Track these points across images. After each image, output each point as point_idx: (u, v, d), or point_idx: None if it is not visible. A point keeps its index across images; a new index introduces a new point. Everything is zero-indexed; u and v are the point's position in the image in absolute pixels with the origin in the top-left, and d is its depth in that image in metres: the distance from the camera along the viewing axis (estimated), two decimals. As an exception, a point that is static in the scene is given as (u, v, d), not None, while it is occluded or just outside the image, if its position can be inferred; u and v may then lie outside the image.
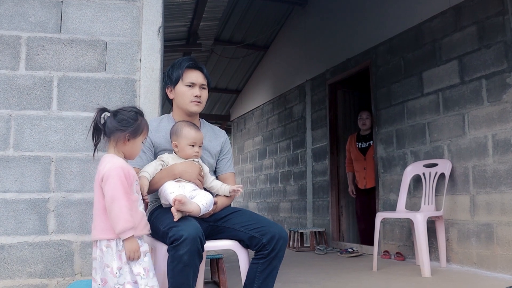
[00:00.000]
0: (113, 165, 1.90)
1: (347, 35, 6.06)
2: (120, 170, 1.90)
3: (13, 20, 2.63)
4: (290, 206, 7.58)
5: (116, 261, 1.85)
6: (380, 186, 5.21)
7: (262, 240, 2.18)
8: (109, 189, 1.86)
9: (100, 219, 1.90)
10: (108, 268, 1.84)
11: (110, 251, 1.86)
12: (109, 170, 1.88)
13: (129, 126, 1.97)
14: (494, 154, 3.82)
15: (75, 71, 2.66)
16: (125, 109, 2.03)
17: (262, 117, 9.13)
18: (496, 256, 3.74)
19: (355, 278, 3.83)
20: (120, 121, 1.97)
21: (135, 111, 2.03)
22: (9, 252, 2.48)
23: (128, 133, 1.97)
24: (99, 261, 1.88)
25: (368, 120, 5.55)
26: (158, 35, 2.77)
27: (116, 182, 1.87)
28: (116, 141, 1.98)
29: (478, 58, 4.00)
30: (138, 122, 2.00)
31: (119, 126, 1.96)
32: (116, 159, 1.95)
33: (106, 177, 1.87)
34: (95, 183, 1.95)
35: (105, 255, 1.86)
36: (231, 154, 2.60)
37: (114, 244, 1.87)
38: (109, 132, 1.98)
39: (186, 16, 5.48)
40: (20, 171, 2.54)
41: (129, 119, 1.98)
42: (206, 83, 2.46)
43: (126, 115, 1.99)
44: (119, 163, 1.93)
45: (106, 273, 1.84)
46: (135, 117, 2.00)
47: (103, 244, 1.87)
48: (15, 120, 2.57)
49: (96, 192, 1.93)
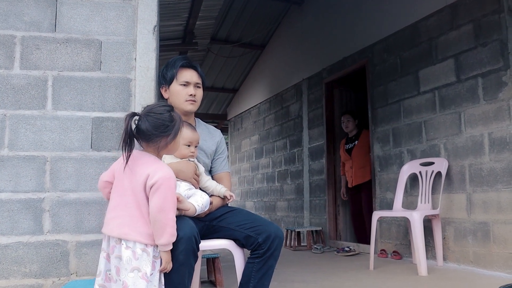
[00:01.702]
0: (166, 174, 1.82)
1: (343, 34, 6.05)
2: (173, 182, 1.85)
3: (8, 19, 2.61)
4: (287, 205, 7.58)
5: (150, 267, 1.81)
6: (377, 184, 5.22)
7: (258, 239, 2.18)
8: (159, 199, 1.79)
9: (140, 223, 1.83)
10: (139, 272, 1.79)
11: (146, 256, 1.81)
12: (162, 179, 1.80)
13: (168, 130, 1.88)
14: (490, 153, 3.82)
15: (70, 70, 2.64)
16: (156, 111, 1.90)
17: (259, 116, 9.13)
18: (492, 254, 3.74)
19: (352, 277, 3.83)
20: (157, 127, 1.87)
21: (167, 110, 1.92)
22: (4, 252, 2.47)
23: (170, 137, 1.90)
24: (127, 263, 1.80)
25: (350, 122, 5.75)
26: (154, 34, 2.76)
27: (168, 194, 1.81)
28: (158, 146, 1.90)
29: (474, 57, 4.01)
30: (175, 122, 1.91)
31: (158, 132, 1.87)
32: (166, 167, 1.88)
33: (158, 186, 1.79)
34: (137, 184, 1.84)
35: (139, 259, 1.80)
36: (226, 153, 2.60)
37: (151, 250, 1.83)
38: (146, 139, 1.89)
39: (182, 15, 5.48)
40: (15, 171, 2.52)
41: (165, 123, 1.88)
42: (201, 81, 2.46)
43: (161, 119, 1.87)
44: (170, 172, 1.86)
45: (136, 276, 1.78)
46: (170, 118, 1.90)
47: (138, 247, 1.81)
48: (10, 120, 2.55)
49: (137, 195, 1.84)
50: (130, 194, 1.86)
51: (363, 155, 5.62)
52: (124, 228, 1.83)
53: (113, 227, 1.85)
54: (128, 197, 1.86)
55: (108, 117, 2.66)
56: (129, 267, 1.79)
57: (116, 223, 1.85)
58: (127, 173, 1.89)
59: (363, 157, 5.61)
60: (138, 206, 1.84)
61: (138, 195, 1.84)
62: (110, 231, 1.86)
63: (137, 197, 1.84)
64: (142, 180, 1.83)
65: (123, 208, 1.86)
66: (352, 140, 5.82)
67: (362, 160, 5.62)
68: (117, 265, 1.83)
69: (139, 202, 1.84)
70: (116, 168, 1.97)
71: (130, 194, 1.86)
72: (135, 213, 1.84)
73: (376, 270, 4.07)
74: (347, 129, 5.81)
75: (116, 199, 1.90)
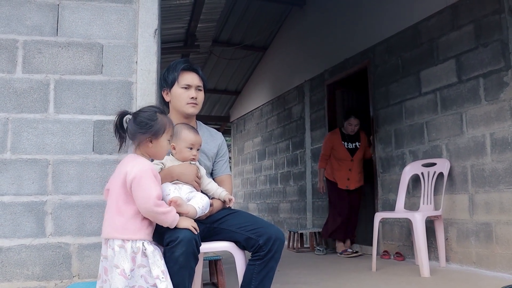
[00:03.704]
0: (143, 167, 1.89)
1: (345, 35, 6.06)
2: (150, 172, 1.90)
3: (10, 24, 2.64)
4: (290, 206, 7.58)
5: (128, 263, 1.82)
6: (379, 186, 5.22)
7: (259, 241, 2.18)
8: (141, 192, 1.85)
9: (116, 219, 1.88)
10: (117, 269, 1.80)
11: (124, 252, 1.83)
12: (140, 172, 1.86)
13: (149, 128, 1.94)
14: (492, 153, 3.82)
15: (71, 74, 2.66)
16: (144, 110, 2.01)
17: (261, 118, 9.14)
18: (495, 255, 3.74)
19: (354, 278, 3.83)
20: (139, 124, 1.95)
21: (154, 111, 2.00)
22: (7, 255, 2.48)
23: (150, 135, 1.95)
24: (110, 261, 1.85)
25: (357, 127, 5.50)
26: (154, 37, 2.77)
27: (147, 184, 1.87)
28: (139, 144, 1.97)
29: (475, 57, 4.01)
30: (158, 121, 1.97)
31: (139, 129, 1.94)
32: (144, 161, 1.94)
33: (138, 180, 1.85)
34: (116, 182, 1.92)
35: (116, 256, 1.82)
36: (228, 156, 2.61)
37: (129, 246, 1.84)
38: (131, 136, 1.97)
39: (184, 17, 5.49)
40: (17, 174, 2.54)
41: (147, 121, 1.95)
42: (202, 84, 2.46)
43: (144, 117, 1.96)
44: (148, 165, 1.93)
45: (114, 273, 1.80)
46: (153, 117, 1.97)
47: (116, 243, 1.84)
48: (12, 123, 2.57)
49: (115, 191, 1.91)
50: (113, 194, 1.94)
51: (361, 159, 5.56)
52: (107, 228, 1.91)
53: (104, 229, 1.94)
54: (112, 197, 1.94)
55: (109, 120, 2.67)
56: (112, 264, 1.83)
57: (105, 225, 1.93)
58: (114, 176, 1.97)
59: (360, 161, 5.56)
60: (117, 202, 1.90)
61: (118, 192, 1.90)
62: (102, 234, 1.94)
63: (117, 194, 1.91)
64: (121, 177, 1.90)
65: (108, 210, 1.95)
66: (352, 139, 5.56)
67: (360, 164, 5.56)
68: (104, 265, 1.88)
69: (118, 198, 1.90)
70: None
71: (113, 194, 1.94)
72: (113, 210, 1.91)
73: (379, 271, 4.07)
74: (353, 132, 5.53)
75: (107, 203, 1.98)
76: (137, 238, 1.87)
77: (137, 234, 1.88)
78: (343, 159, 5.51)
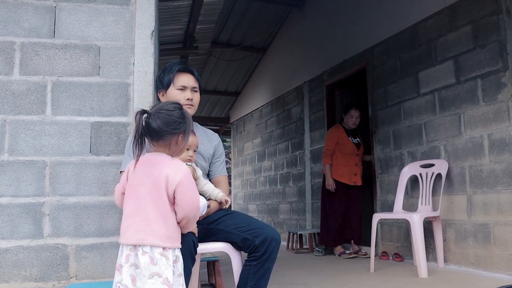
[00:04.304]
0: (185, 170, 1.83)
1: (343, 36, 6.07)
2: (191, 175, 1.87)
3: (7, 26, 2.65)
4: (290, 208, 7.59)
5: (171, 271, 1.73)
6: (378, 187, 5.22)
7: (255, 242, 2.19)
8: (190, 196, 1.81)
9: (158, 225, 1.76)
10: (160, 278, 1.70)
11: (165, 260, 1.73)
12: (185, 176, 1.81)
13: (180, 127, 1.86)
14: (490, 154, 3.82)
15: (68, 75, 2.67)
16: (167, 108, 1.88)
17: (261, 119, 9.15)
18: (493, 256, 3.74)
19: (352, 279, 3.84)
20: (169, 124, 1.84)
21: (178, 108, 1.90)
22: (5, 256, 2.49)
23: (181, 134, 1.88)
24: (145, 269, 1.71)
25: (358, 119, 5.42)
26: (152, 39, 2.78)
27: (193, 188, 1.84)
28: (169, 144, 1.87)
29: (473, 58, 4.01)
30: (187, 119, 1.90)
31: (170, 129, 1.84)
32: (181, 163, 1.88)
33: (184, 184, 1.78)
34: (149, 185, 1.80)
35: (158, 264, 1.72)
36: (224, 157, 2.61)
37: (170, 254, 1.76)
38: (158, 136, 1.85)
39: (182, 19, 5.50)
40: (15, 175, 2.55)
41: (177, 119, 1.86)
42: (198, 85, 2.47)
43: (173, 116, 1.85)
44: (186, 167, 1.87)
45: (156, 282, 1.69)
46: (182, 115, 1.88)
47: (156, 251, 1.73)
48: (10, 125, 2.58)
49: (156, 197, 1.79)
50: (146, 197, 1.79)
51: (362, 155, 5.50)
52: (140, 233, 1.75)
53: (130, 235, 1.77)
54: (144, 201, 1.79)
55: (107, 122, 2.68)
56: (147, 273, 1.70)
57: (132, 231, 1.77)
58: (141, 177, 1.83)
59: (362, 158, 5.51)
60: (157, 207, 1.78)
61: (156, 196, 1.78)
62: (127, 239, 1.78)
63: (154, 199, 1.78)
64: (161, 180, 1.78)
65: (138, 214, 1.79)
66: (354, 134, 5.48)
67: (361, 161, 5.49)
68: (132, 273, 1.74)
69: (158, 203, 1.78)
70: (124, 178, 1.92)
71: (146, 197, 1.79)
72: (152, 215, 1.77)
73: (377, 272, 4.07)
74: (354, 126, 5.43)
75: (131, 206, 1.83)
76: (177, 246, 1.80)
77: (177, 241, 1.82)
78: (351, 153, 5.36)
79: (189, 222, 1.85)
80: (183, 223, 1.84)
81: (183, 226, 1.86)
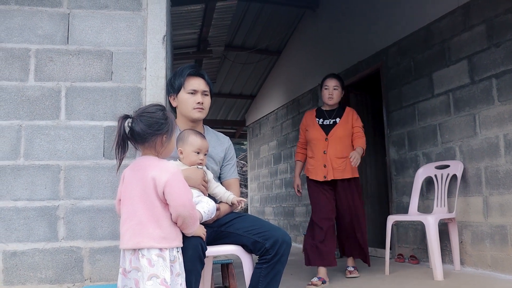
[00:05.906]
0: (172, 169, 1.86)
1: (358, 38, 6.04)
2: (180, 174, 1.89)
3: (23, 34, 2.71)
4: (306, 210, 7.56)
5: (168, 272, 1.77)
6: (393, 189, 5.18)
7: (265, 244, 2.20)
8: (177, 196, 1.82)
9: (152, 227, 1.81)
10: (158, 279, 1.74)
11: (162, 261, 1.77)
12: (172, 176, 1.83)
13: (163, 128, 1.90)
14: (506, 154, 3.77)
15: (82, 81, 2.72)
16: (148, 110, 1.93)
17: (276, 122, 9.15)
18: (511, 258, 3.68)
19: (366, 281, 3.82)
20: (151, 125, 1.88)
21: (160, 109, 1.94)
22: (21, 258, 2.55)
23: (165, 135, 1.91)
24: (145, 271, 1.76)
25: (337, 91, 4.12)
26: (163, 43, 2.82)
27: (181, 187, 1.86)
28: (155, 146, 1.91)
29: (488, 57, 3.96)
30: (169, 120, 1.93)
31: (153, 131, 1.88)
32: (168, 163, 1.92)
33: (170, 184, 1.81)
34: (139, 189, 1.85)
35: (155, 265, 1.76)
36: (235, 160, 2.63)
37: (167, 254, 1.80)
38: (142, 139, 1.90)
39: (196, 23, 5.55)
40: (30, 179, 2.60)
41: (159, 121, 1.90)
42: (208, 89, 2.49)
43: (155, 117, 1.90)
44: (174, 166, 1.92)
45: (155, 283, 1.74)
46: (164, 116, 1.92)
47: (152, 253, 1.78)
48: (25, 130, 2.64)
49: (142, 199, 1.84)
50: (138, 201, 1.84)
51: (344, 140, 4.01)
52: (136, 237, 1.80)
53: (127, 239, 1.83)
54: (136, 205, 1.84)
55: (119, 126, 2.72)
56: (147, 275, 1.75)
57: (129, 235, 1.83)
58: (132, 182, 1.89)
59: (344, 143, 4.00)
60: (149, 209, 1.82)
61: (147, 199, 1.83)
62: (126, 244, 1.84)
63: (145, 202, 1.83)
64: (149, 183, 1.83)
65: (133, 218, 1.84)
66: (331, 115, 4.14)
67: (342, 147, 3.97)
68: (135, 277, 1.80)
69: (149, 206, 1.82)
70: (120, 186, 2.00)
71: (139, 201, 1.84)
72: (145, 219, 1.81)
73: (392, 274, 4.04)
74: (331, 100, 4.10)
75: (125, 212, 1.88)
76: (174, 246, 1.83)
77: (175, 241, 1.85)
78: (316, 139, 4.06)
79: (185, 221, 1.87)
80: (180, 223, 1.87)
81: (182, 226, 1.89)
